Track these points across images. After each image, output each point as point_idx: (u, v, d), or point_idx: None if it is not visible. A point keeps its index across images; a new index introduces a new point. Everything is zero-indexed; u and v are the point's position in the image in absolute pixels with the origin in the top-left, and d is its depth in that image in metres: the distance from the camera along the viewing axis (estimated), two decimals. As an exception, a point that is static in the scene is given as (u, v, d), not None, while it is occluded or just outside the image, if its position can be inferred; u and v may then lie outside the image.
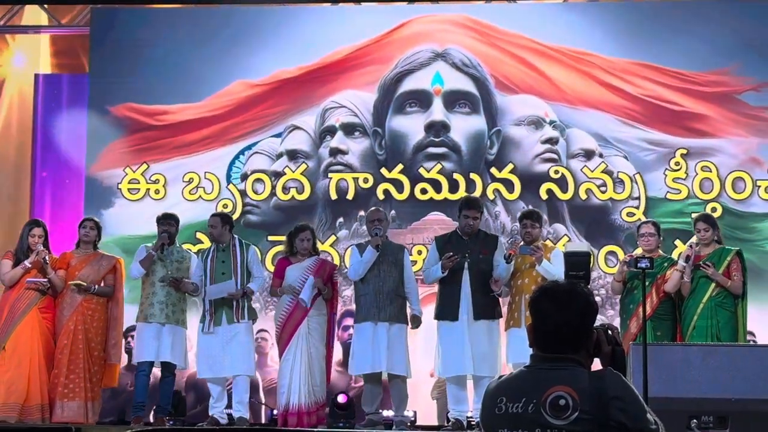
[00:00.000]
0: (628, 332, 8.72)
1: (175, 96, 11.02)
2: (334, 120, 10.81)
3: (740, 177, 10.67)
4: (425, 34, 10.90)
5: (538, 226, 8.98)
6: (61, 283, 9.20)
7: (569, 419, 3.19)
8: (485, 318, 8.74)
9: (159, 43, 11.34)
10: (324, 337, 9.04)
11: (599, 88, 10.63)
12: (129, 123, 11.17)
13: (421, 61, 10.82)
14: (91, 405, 9.09)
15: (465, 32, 10.86)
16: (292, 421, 8.79)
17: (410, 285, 8.99)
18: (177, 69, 11.13)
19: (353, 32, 10.90)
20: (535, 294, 3.40)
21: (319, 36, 10.91)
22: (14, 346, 9.05)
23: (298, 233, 9.13)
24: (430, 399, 10.21)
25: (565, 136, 10.64)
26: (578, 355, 3.32)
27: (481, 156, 10.71)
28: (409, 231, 10.91)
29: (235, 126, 10.93)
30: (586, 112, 10.57)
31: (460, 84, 10.78)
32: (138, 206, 11.08)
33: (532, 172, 10.65)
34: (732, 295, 8.78)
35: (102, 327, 9.28)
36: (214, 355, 9.01)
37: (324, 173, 10.88)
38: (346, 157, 10.79)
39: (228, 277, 9.06)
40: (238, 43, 10.97)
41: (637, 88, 10.57)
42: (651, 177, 10.55)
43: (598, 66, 10.65)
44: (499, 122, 10.70)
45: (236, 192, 11.16)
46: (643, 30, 10.62)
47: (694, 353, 7.92)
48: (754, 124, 10.42)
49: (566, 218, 10.75)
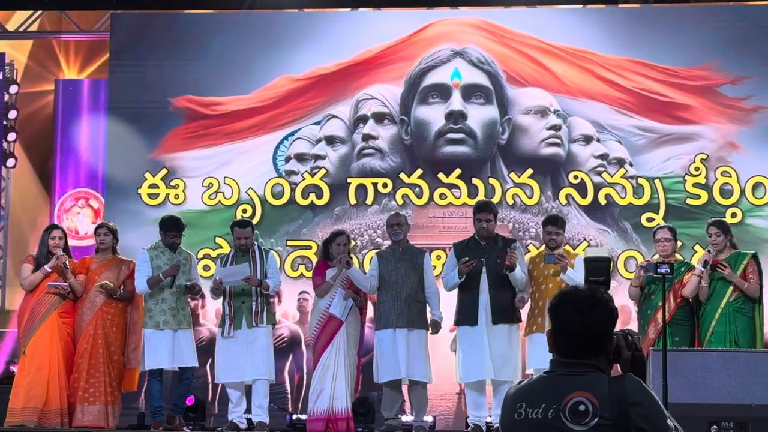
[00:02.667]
0: (646, 338, 8.69)
1: (227, 90, 11.89)
2: (366, 110, 11.73)
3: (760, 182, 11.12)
4: (446, 35, 11.80)
5: (562, 232, 8.96)
6: (81, 287, 9.21)
7: (589, 425, 3.19)
8: (504, 322, 8.74)
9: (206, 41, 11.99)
10: (357, 344, 9.08)
11: (597, 82, 11.57)
12: (187, 113, 11.87)
13: (442, 59, 11.73)
14: (111, 409, 9.09)
15: (481, 33, 11.77)
16: (342, 426, 8.80)
17: (431, 290, 9.00)
18: (224, 65, 11.89)
19: (383, 34, 11.84)
20: (555, 299, 3.39)
21: (352, 37, 11.88)
22: (34, 351, 9.06)
23: (334, 238, 9.15)
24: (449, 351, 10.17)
25: (567, 123, 11.50)
26: (598, 360, 3.31)
27: (494, 141, 11.55)
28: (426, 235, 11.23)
29: (279, 115, 11.85)
30: (586, 102, 11.54)
31: (476, 78, 11.68)
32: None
33: (538, 155, 11.52)
34: (750, 300, 8.77)
35: (121, 331, 9.28)
36: (233, 359, 9.02)
37: (357, 156, 11.67)
38: (377, 142, 11.69)
39: (246, 283, 9.08)
40: (282, 43, 11.87)
41: (630, 82, 11.51)
42: (641, 159, 11.39)
43: (596, 63, 11.58)
44: (509, 111, 11.59)
45: (255, 197, 11.47)
46: (636, 31, 11.57)
47: (713, 359, 7.90)
48: (732, 113, 11.36)
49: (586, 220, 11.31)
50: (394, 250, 9.08)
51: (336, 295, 8.95)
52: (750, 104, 11.26)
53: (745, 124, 11.23)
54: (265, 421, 9.08)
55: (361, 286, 8.96)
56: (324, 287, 9.05)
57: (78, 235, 12.14)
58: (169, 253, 9.26)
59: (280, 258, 11.03)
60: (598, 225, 11.20)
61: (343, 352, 8.90)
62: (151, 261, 9.21)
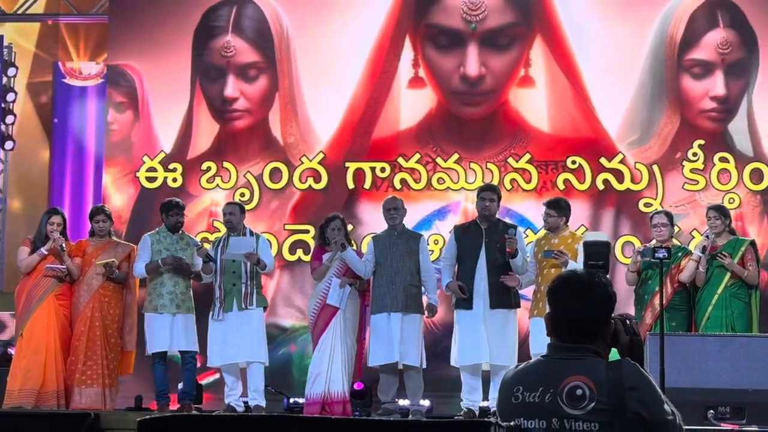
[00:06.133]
0: (643, 323, 8.71)
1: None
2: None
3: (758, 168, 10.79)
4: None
5: (554, 214, 8.92)
6: (77, 270, 9.22)
7: (586, 409, 3.19)
8: (502, 307, 8.72)
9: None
10: (356, 327, 9.07)
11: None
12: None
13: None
14: (108, 392, 9.11)
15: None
16: (338, 409, 8.81)
17: (427, 274, 8.99)
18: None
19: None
20: (554, 283, 3.40)
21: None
22: (31, 333, 9.07)
23: (328, 223, 9.15)
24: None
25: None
26: (596, 344, 3.31)
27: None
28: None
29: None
30: None
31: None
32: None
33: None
34: (746, 286, 8.80)
35: (118, 314, 9.28)
36: (225, 341, 9.01)
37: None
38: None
39: (238, 265, 9.06)
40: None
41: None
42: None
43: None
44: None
45: (253, 180, 11.29)
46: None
47: (710, 344, 7.93)
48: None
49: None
50: (390, 234, 9.07)
51: (332, 284, 8.94)
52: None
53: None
54: (262, 405, 9.08)
55: (357, 270, 8.95)
56: (320, 270, 9.05)
57: (81, 75, 12.29)
58: (171, 238, 9.25)
59: (278, 243, 11.05)
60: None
61: (340, 335, 8.90)
62: (152, 246, 9.21)
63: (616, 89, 10.45)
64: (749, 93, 10.17)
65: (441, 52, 10.77)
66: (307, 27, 11.01)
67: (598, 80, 10.46)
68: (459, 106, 10.82)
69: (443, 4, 10.76)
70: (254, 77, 11.28)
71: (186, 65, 11.45)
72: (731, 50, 10.26)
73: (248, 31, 11.29)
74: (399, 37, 10.72)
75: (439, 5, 10.72)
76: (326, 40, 10.97)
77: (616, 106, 10.49)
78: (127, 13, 11.74)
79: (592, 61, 10.48)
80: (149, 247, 9.22)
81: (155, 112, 11.48)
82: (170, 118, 11.45)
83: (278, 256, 10.82)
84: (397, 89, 10.95)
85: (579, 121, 10.69)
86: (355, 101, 11.07)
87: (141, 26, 11.60)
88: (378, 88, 11.05)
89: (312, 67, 11.07)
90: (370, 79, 11.08)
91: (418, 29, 10.76)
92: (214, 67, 11.45)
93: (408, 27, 10.79)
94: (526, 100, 10.78)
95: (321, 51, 10.95)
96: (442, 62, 10.80)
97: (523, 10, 10.59)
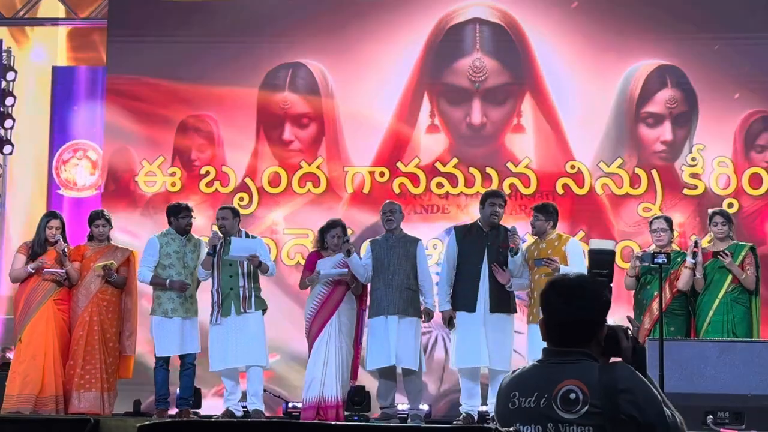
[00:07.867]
0: (642, 327, 8.67)
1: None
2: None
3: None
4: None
5: (542, 218, 8.90)
6: (76, 275, 9.20)
7: (579, 413, 3.19)
8: (501, 311, 8.73)
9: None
10: (352, 332, 9.06)
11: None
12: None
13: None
14: (107, 396, 9.09)
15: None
16: (332, 414, 8.81)
17: (424, 278, 8.99)
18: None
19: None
20: (545, 288, 3.40)
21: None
22: (29, 338, 9.05)
23: (329, 229, 9.15)
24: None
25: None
26: (589, 348, 3.30)
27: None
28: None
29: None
30: None
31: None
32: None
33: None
34: (747, 291, 8.79)
35: (117, 319, 9.26)
36: (223, 346, 9.00)
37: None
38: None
39: (234, 270, 9.05)
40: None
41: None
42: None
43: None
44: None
45: (253, 185, 11.45)
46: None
47: (710, 349, 7.91)
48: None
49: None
50: (388, 238, 9.07)
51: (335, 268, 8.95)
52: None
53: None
54: (261, 409, 9.06)
55: (358, 275, 8.95)
56: (309, 279, 9.06)
57: (76, 186, 12.15)
58: (180, 240, 9.25)
59: (277, 247, 11.12)
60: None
61: (335, 340, 8.89)
62: (160, 248, 9.21)
63: (588, 134, 11.58)
64: (690, 138, 11.43)
65: (452, 105, 11.85)
66: (347, 84, 11.98)
67: (574, 127, 11.55)
68: (465, 148, 11.77)
69: (453, 68, 11.82)
70: (306, 124, 12.02)
71: (252, 115, 11.97)
72: (677, 105, 11.50)
73: (300, 88, 12.07)
74: (419, 93, 11.86)
75: (451, 69, 11.83)
76: (362, 94, 11.91)
77: (589, 149, 11.52)
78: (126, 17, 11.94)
79: (570, 112, 11.58)
80: (157, 250, 9.21)
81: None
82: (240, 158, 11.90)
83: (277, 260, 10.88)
84: (417, 134, 11.76)
85: (559, 159, 11.52)
86: (384, 144, 11.81)
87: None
88: (403, 133, 11.82)
89: (350, 116, 11.90)
90: (397, 125, 11.85)
91: (434, 87, 11.86)
92: (274, 116, 11.99)
93: (426, 85, 11.85)
94: (518, 143, 11.67)
95: (357, 103, 11.93)
96: (453, 113, 11.85)
97: (516, 73, 11.78)
